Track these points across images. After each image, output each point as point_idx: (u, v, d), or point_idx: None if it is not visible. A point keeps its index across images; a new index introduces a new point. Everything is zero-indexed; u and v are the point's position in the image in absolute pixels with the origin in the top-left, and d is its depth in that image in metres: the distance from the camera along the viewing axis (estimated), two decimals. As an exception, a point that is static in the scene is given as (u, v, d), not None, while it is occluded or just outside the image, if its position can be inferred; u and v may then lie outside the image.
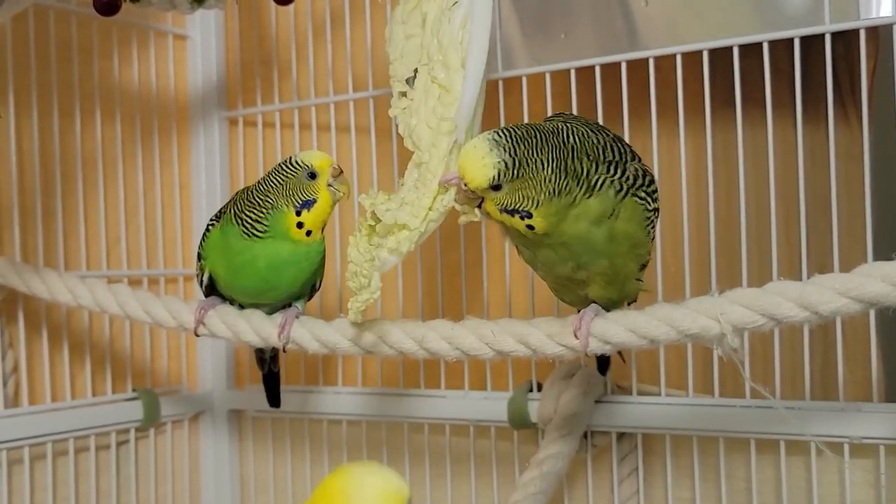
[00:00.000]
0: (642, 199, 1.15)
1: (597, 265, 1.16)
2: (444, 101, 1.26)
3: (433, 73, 1.27)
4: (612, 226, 1.14)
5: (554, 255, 1.17)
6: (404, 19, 1.36)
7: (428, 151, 1.25)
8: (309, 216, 1.33)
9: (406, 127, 1.30)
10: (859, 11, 1.37)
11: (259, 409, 1.94)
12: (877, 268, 0.98)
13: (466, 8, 1.27)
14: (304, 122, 1.89)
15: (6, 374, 1.67)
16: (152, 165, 1.91)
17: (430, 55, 1.29)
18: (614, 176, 1.14)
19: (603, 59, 1.55)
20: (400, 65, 1.35)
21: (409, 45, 1.35)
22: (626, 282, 1.20)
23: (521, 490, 1.50)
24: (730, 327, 1.05)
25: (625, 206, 1.14)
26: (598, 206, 1.13)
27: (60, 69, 1.75)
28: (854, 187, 1.56)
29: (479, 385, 1.73)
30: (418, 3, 1.35)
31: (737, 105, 1.47)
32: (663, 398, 1.57)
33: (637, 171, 1.16)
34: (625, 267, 1.18)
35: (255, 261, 1.35)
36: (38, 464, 1.69)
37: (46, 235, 1.73)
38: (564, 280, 1.22)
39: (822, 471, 1.45)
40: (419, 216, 1.22)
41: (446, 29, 1.27)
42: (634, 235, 1.16)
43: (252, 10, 1.95)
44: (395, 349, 1.28)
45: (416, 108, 1.29)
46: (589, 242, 1.14)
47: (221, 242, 1.37)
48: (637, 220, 1.15)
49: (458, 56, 1.26)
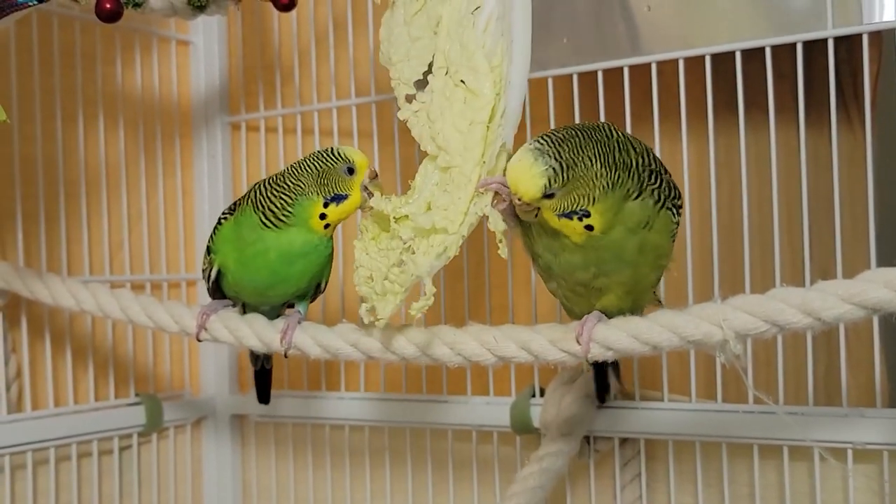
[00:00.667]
0: (670, 210, 1.16)
1: (620, 274, 1.17)
2: (472, 105, 1.26)
3: (458, 77, 1.27)
4: (645, 236, 1.14)
5: (578, 260, 1.17)
6: (408, 21, 1.36)
7: (459, 156, 1.24)
8: (335, 210, 1.32)
9: (424, 130, 1.29)
10: (862, 16, 1.37)
11: (262, 415, 1.94)
12: (880, 274, 0.98)
13: (489, 12, 1.27)
14: (307, 127, 1.89)
15: (9, 380, 1.67)
16: (155, 170, 1.92)
17: (449, 59, 1.29)
18: (654, 185, 1.14)
19: (605, 63, 1.55)
20: (406, 67, 1.35)
21: (415, 48, 1.34)
22: (643, 293, 1.20)
23: (521, 483, 1.50)
24: (732, 334, 1.05)
25: (660, 218, 1.15)
26: (639, 213, 1.13)
27: (64, 75, 1.75)
28: (857, 192, 1.56)
29: (481, 390, 1.73)
30: (424, 5, 1.35)
31: (739, 110, 1.47)
32: (666, 404, 1.56)
33: (670, 184, 1.17)
34: (646, 278, 1.18)
35: (267, 252, 1.34)
36: (41, 469, 1.69)
37: (50, 240, 1.73)
38: (581, 288, 1.22)
39: (826, 476, 1.45)
40: (456, 220, 1.21)
41: (470, 33, 1.27)
42: (662, 246, 1.17)
43: (255, 15, 1.95)
44: (397, 355, 1.27)
45: (438, 111, 1.28)
46: (621, 249, 1.15)
47: (234, 234, 1.37)
48: (666, 233, 1.16)
49: (484, 60, 1.26)
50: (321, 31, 1.87)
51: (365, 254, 1.24)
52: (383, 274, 1.21)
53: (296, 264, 1.35)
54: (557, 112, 1.60)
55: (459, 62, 1.27)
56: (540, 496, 1.49)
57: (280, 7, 1.47)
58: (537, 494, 1.49)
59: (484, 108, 1.24)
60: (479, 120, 1.24)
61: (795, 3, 1.41)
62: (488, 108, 1.24)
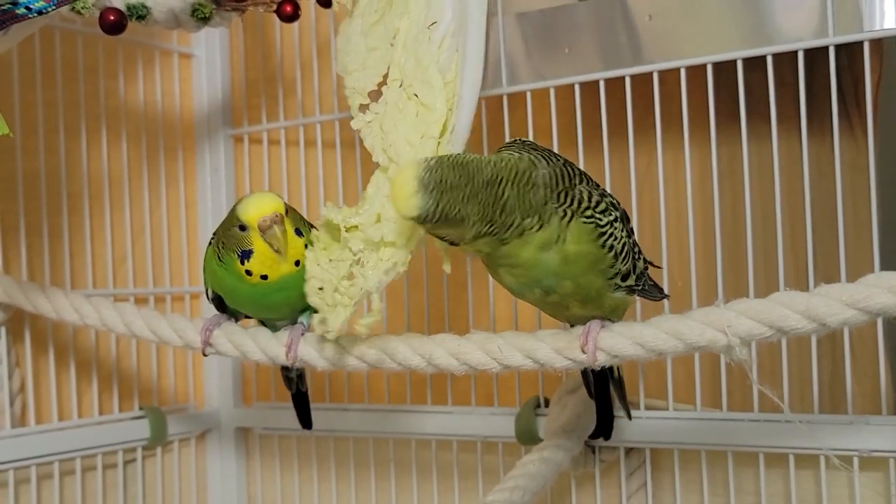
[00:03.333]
0: (589, 218, 1.16)
1: (562, 287, 1.17)
2: (425, 119, 1.27)
3: (411, 90, 1.28)
4: (561, 249, 1.15)
5: (515, 281, 1.19)
6: (365, 31, 1.37)
7: None
8: (254, 263, 1.29)
9: (375, 141, 1.30)
10: (863, 24, 1.37)
11: (266, 427, 1.94)
12: (883, 278, 0.98)
13: (446, 28, 1.28)
14: (310, 139, 1.90)
15: (13, 394, 1.67)
16: (158, 183, 1.92)
17: (404, 71, 1.30)
18: (563, 204, 1.14)
19: (607, 73, 1.55)
20: (361, 76, 1.35)
21: (371, 58, 1.35)
22: (600, 298, 1.20)
23: (520, 468, 1.49)
24: (737, 339, 1.05)
25: (570, 230, 1.14)
26: (541, 236, 1.14)
27: (66, 88, 1.75)
28: (860, 199, 1.56)
29: (486, 401, 1.73)
30: (381, 18, 1.35)
31: (741, 118, 1.47)
32: (671, 412, 1.56)
33: (581, 194, 1.16)
34: (591, 284, 1.18)
35: (240, 289, 1.34)
36: (45, 483, 1.68)
37: (53, 254, 1.73)
38: (542, 305, 1.24)
39: (832, 484, 1.44)
40: (404, 234, 1.21)
41: (425, 48, 1.28)
42: (591, 253, 1.16)
43: (257, 28, 1.96)
44: (402, 365, 1.27)
45: (391, 122, 1.29)
46: (542, 266, 1.15)
47: (210, 265, 1.37)
48: (588, 239, 1.16)
49: (438, 75, 1.27)
50: (323, 43, 1.88)
51: (316, 265, 1.24)
52: (333, 286, 1.22)
53: (274, 297, 1.33)
54: (560, 122, 1.60)
55: (414, 76, 1.28)
56: (539, 483, 1.47)
57: (283, 18, 1.47)
58: (536, 482, 1.47)
59: (436, 123, 1.25)
60: (431, 134, 1.25)
61: (796, 11, 1.41)
62: (440, 123, 1.25)
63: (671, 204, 1.58)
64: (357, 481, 1.85)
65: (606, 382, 1.43)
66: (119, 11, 1.37)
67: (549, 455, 1.50)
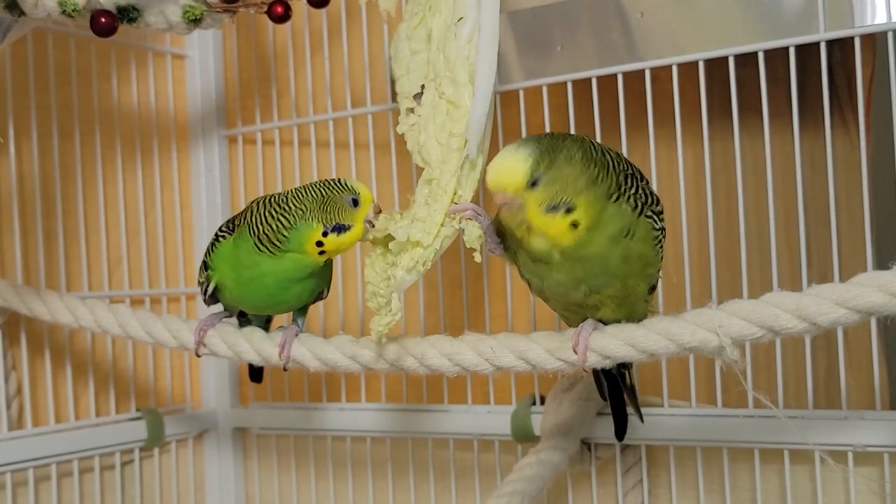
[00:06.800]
0: (650, 217, 1.16)
1: (610, 287, 1.16)
2: (452, 116, 1.26)
3: (440, 89, 1.27)
4: (627, 245, 1.14)
5: (566, 279, 1.17)
6: (409, 35, 1.36)
7: (438, 168, 1.25)
8: (334, 241, 1.28)
9: (415, 143, 1.29)
10: (854, 18, 1.37)
11: (263, 427, 1.94)
12: (874, 277, 0.98)
13: (473, 23, 1.27)
14: (304, 139, 1.90)
15: (9, 397, 1.67)
16: (153, 185, 1.92)
17: (436, 71, 1.29)
18: (631, 189, 1.14)
19: (600, 70, 1.55)
20: (406, 81, 1.34)
21: (414, 61, 1.34)
22: (636, 303, 1.20)
23: (517, 472, 1.49)
24: (728, 340, 1.05)
25: (640, 225, 1.14)
26: (619, 220, 1.13)
27: (59, 91, 1.75)
28: (853, 194, 1.56)
29: (482, 399, 1.73)
30: (423, 19, 1.34)
31: (734, 114, 1.47)
32: (666, 409, 1.56)
33: (645, 190, 1.17)
34: (636, 288, 1.18)
35: (263, 277, 1.33)
36: (43, 485, 1.68)
37: (48, 257, 1.73)
38: (575, 307, 1.22)
39: (827, 479, 1.45)
40: (431, 233, 1.21)
41: (452, 44, 1.27)
42: (647, 255, 1.16)
43: (250, 28, 1.96)
44: (396, 366, 1.27)
45: (425, 124, 1.28)
46: (605, 260, 1.14)
47: (232, 255, 1.35)
48: (649, 240, 1.16)
49: (465, 71, 1.26)
50: (316, 43, 1.87)
51: (372, 270, 1.24)
52: (380, 289, 1.22)
53: (292, 288, 1.34)
54: (553, 120, 1.60)
55: (442, 74, 1.27)
56: (537, 486, 1.48)
57: (274, 19, 1.47)
58: (535, 485, 1.48)
59: (461, 120, 1.24)
60: (457, 132, 1.24)
61: (787, 6, 1.41)
62: (465, 120, 1.24)
63: (665, 200, 1.55)
64: (355, 480, 1.85)
65: (619, 385, 1.43)
66: (111, 14, 1.37)
67: (546, 457, 1.50)
